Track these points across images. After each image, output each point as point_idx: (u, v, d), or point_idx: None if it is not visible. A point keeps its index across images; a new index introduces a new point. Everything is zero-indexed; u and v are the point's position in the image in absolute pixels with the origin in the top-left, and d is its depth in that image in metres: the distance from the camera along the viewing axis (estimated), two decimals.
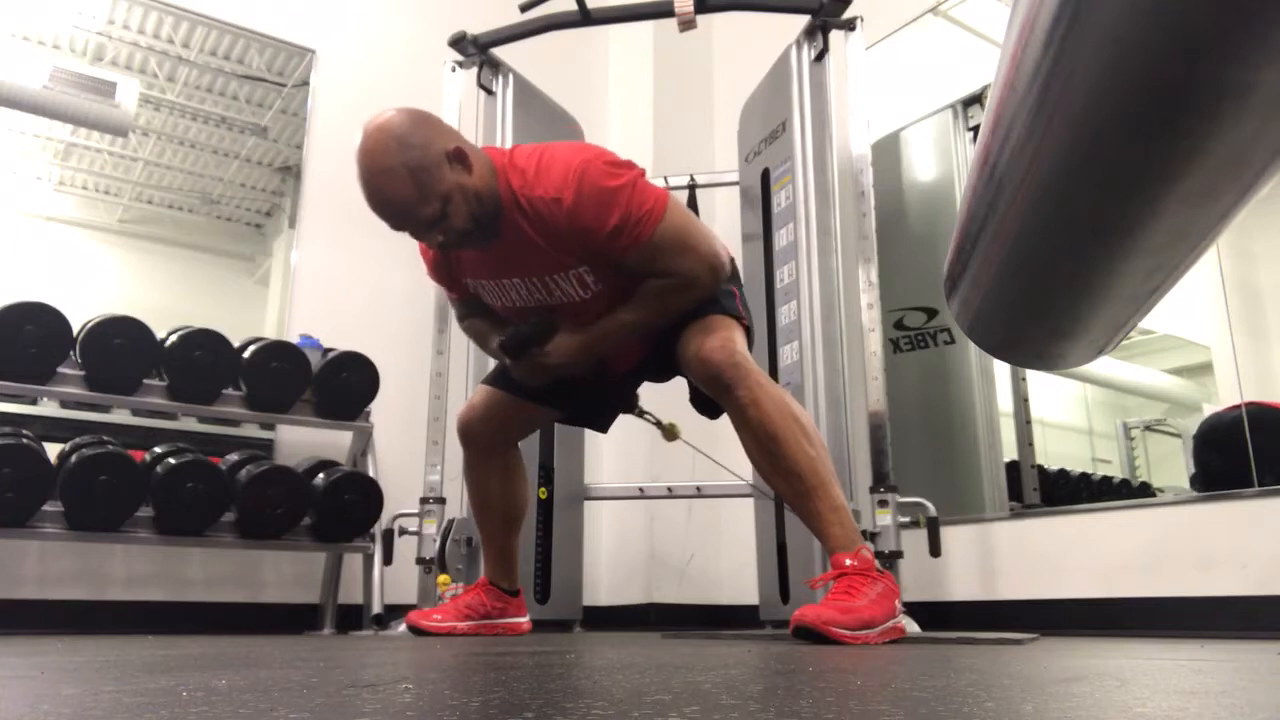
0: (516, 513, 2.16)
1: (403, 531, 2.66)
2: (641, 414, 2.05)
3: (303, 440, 3.06)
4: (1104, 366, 2.88)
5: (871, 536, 2.30)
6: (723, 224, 3.45)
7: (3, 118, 3.09)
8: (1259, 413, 2.27)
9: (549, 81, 3.26)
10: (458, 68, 3.04)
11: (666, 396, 2.17)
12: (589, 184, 1.66)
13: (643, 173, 1.74)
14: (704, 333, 1.78)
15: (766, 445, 1.72)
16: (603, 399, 2.08)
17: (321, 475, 2.79)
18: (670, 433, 2.02)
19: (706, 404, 1.89)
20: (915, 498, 2.42)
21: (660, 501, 3.32)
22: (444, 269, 1.94)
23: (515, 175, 1.71)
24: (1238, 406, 2.31)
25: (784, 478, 1.73)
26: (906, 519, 2.39)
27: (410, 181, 1.63)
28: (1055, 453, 2.89)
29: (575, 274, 1.78)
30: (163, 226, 3.44)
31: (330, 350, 2.93)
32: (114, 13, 3.24)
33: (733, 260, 2.02)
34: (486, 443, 2.08)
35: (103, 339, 2.52)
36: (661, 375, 2.05)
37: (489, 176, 1.71)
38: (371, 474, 2.85)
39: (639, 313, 1.80)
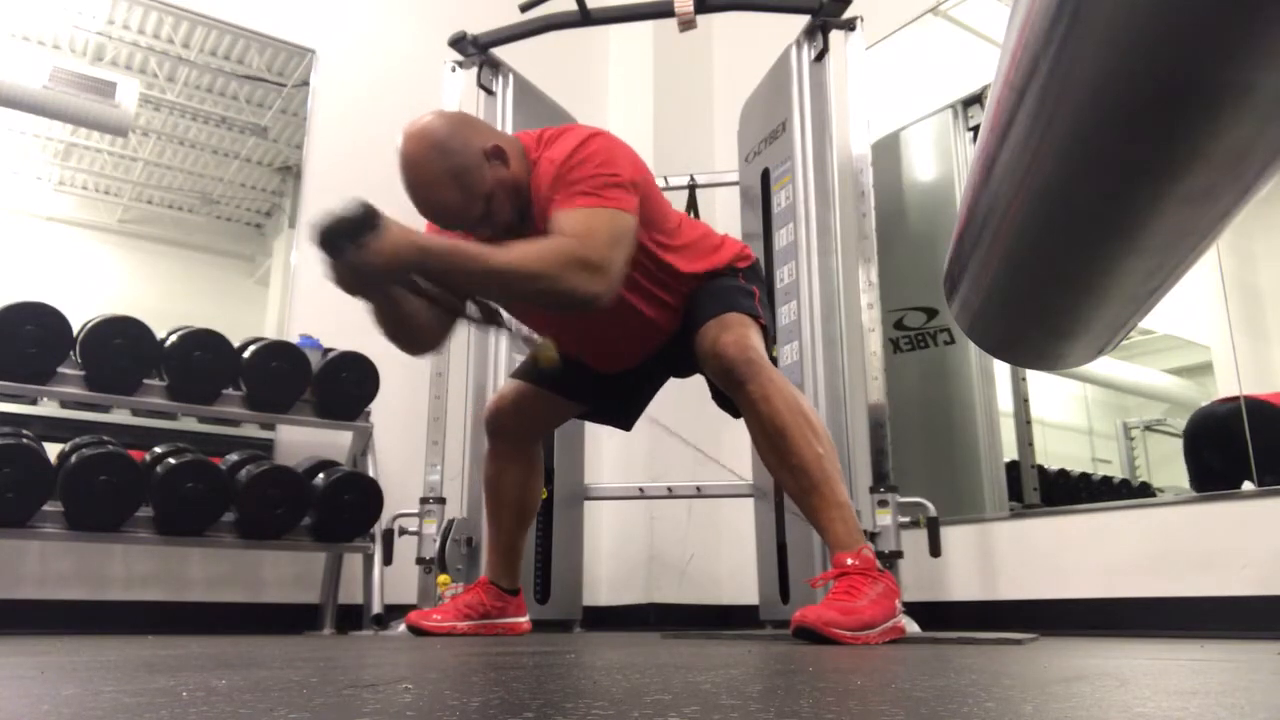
0: (529, 510, 2.18)
1: (403, 531, 2.66)
2: (502, 324, 1.72)
3: (303, 440, 3.06)
4: (1104, 366, 2.88)
5: (871, 536, 2.30)
6: (723, 224, 3.43)
7: (3, 118, 3.09)
8: (1250, 405, 2.27)
9: (549, 81, 3.25)
10: (458, 68, 3.04)
11: (683, 395, 2.17)
12: (590, 144, 1.71)
13: (642, 180, 1.76)
14: (720, 329, 1.80)
15: (774, 440, 1.74)
16: (623, 394, 2.10)
17: (321, 475, 2.79)
18: (545, 352, 1.69)
19: (728, 402, 1.91)
20: (915, 498, 2.42)
21: (660, 501, 3.32)
22: None
23: (538, 148, 1.77)
24: (1229, 399, 2.31)
25: (790, 473, 1.75)
26: (906, 519, 2.39)
27: (455, 186, 1.68)
28: (1055, 453, 2.89)
29: None
30: (163, 226, 3.43)
31: (330, 350, 2.93)
32: (114, 13, 3.24)
33: (756, 260, 2.04)
34: (513, 436, 2.09)
35: (103, 339, 2.52)
36: (683, 371, 2.06)
37: (523, 165, 1.76)
38: (371, 474, 2.85)
39: (503, 256, 1.56)
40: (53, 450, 2.53)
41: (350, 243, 1.46)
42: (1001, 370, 2.90)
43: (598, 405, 2.16)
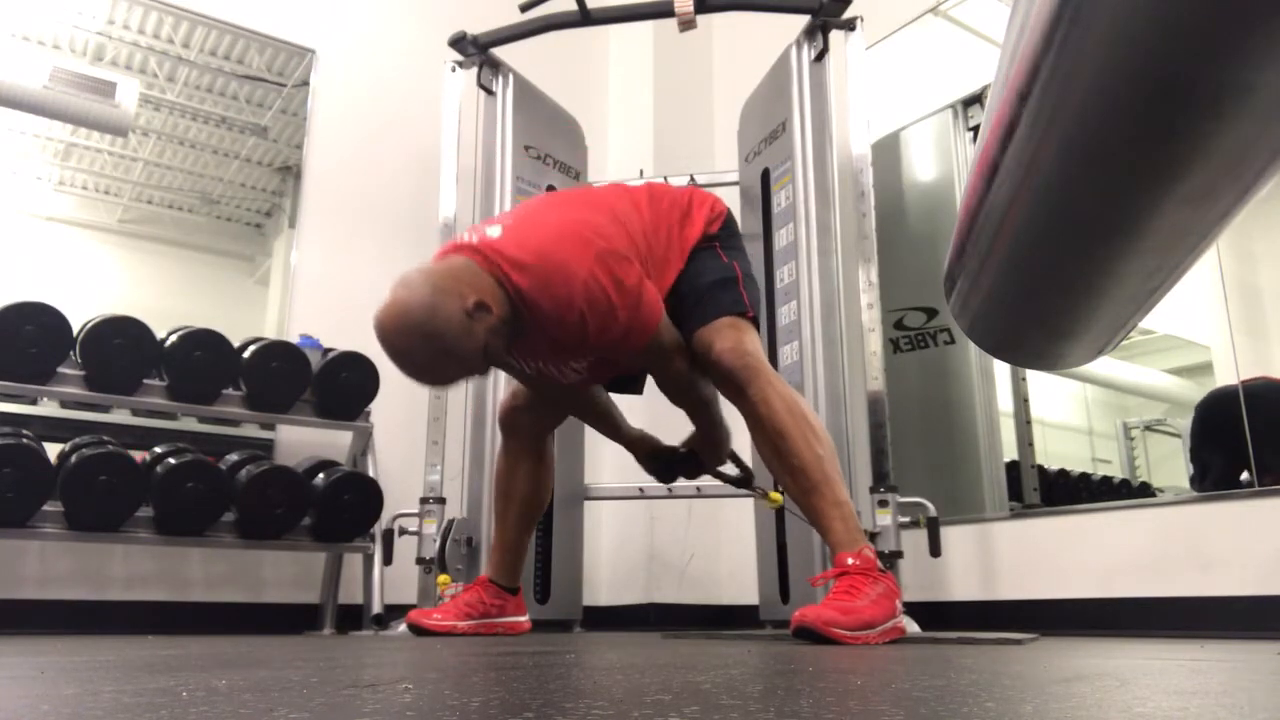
0: (538, 507, 2.19)
1: (403, 531, 2.66)
2: (752, 488, 2.17)
3: (303, 440, 3.06)
4: (1104, 366, 2.88)
5: (872, 536, 2.30)
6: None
7: (3, 118, 3.09)
8: (1264, 387, 2.28)
9: (549, 81, 3.26)
10: (458, 68, 3.04)
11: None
12: (592, 306, 1.62)
13: (643, 286, 1.70)
14: (712, 336, 1.80)
15: (774, 442, 1.75)
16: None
17: (321, 475, 2.79)
18: (773, 502, 2.08)
19: None
20: (915, 498, 2.42)
21: (660, 501, 3.32)
22: None
23: (518, 276, 1.63)
24: (1251, 380, 2.30)
25: (790, 474, 1.76)
26: (906, 519, 2.39)
27: (453, 362, 1.60)
28: (1055, 453, 2.89)
29: (570, 365, 1.83)
30: (163, 226, 3.43)
31: (330, 350, 2.93)
32: (114, 13, 3.24)
33: (727, 213, 1.99)
34: (527, 432, 2.10)
35: (103, 339, 2.52)
36: None
37: (502, 298, 1.63)
38: (371, 474, 2.85)
39: (702, 409, 1.94)
40: (53, 450, 2.53)
41: (677, 475, 2.10)
42: (1001, 370, 2.90)
43: (610, 383, 2.16)
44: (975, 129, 3.03)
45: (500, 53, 3.03)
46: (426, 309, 1.55)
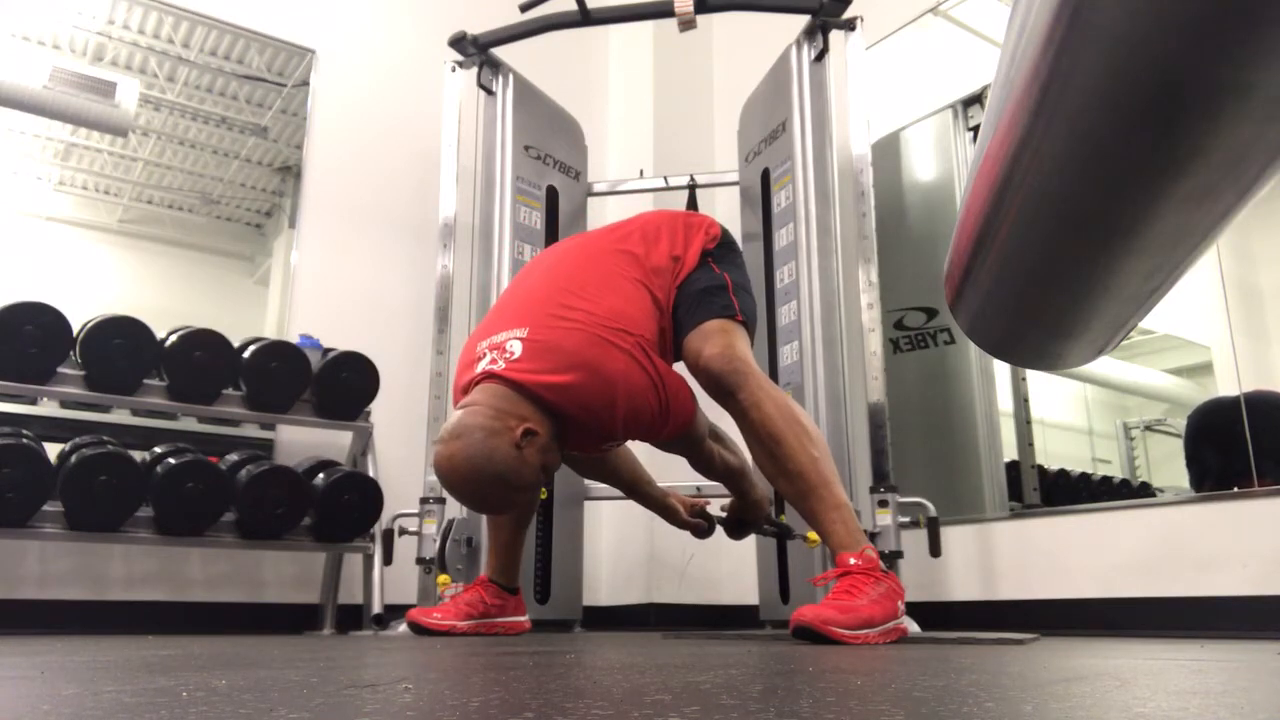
0: (529, 508, 2.19)
1: (403, 531, 2.66)
2: (791, 537, 2.20)
3: (303, 440, 3.06)
4: (1104, 366, 2.88)
5: (872, 536, 2.30)
6: (723, 224, 3.44)
7: (3, 118, 3.09)
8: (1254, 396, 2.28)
9: (549, 81, 3.26)
10: (458, 68, 3.04)
11: None
12: (633, 409, 1.66)
13: (674, 376, 1.73)
14: (701, 341, 1.79)
15: (769, 446, 1.74)
16: None
17: (321, 475, 2.79)
18: (812, 542, 2.06)
19: None
20: (915, 498, 2.42)
21: None
22: None
23: (554, 396, 1.64)
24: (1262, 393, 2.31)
25: (786, 478, 1.75)
26: (906, 519, 2.39)
27: (519, 490, 1.63)
28: (1055, 453, 2.88)
29: (602, 446, 1.90)
30: (163, 226, 3.43)
31: (330, 350, 2.93)
32: (114, 13, 3.24)
33: (721, 231, 2.00)
34: None
35: (103, 339, 2.52)
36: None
37: (544, 416, 1.64)
38: (371, 474, 2.85)
39: (736, 478, 2.00)
40: (53, 450, 2.53)
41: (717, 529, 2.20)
42: (1001, 370, 2.90)
43: None
44: (975, 129, 3.04)
45: (500, 53, 3.03)
46: (482, 458, 1.56)
